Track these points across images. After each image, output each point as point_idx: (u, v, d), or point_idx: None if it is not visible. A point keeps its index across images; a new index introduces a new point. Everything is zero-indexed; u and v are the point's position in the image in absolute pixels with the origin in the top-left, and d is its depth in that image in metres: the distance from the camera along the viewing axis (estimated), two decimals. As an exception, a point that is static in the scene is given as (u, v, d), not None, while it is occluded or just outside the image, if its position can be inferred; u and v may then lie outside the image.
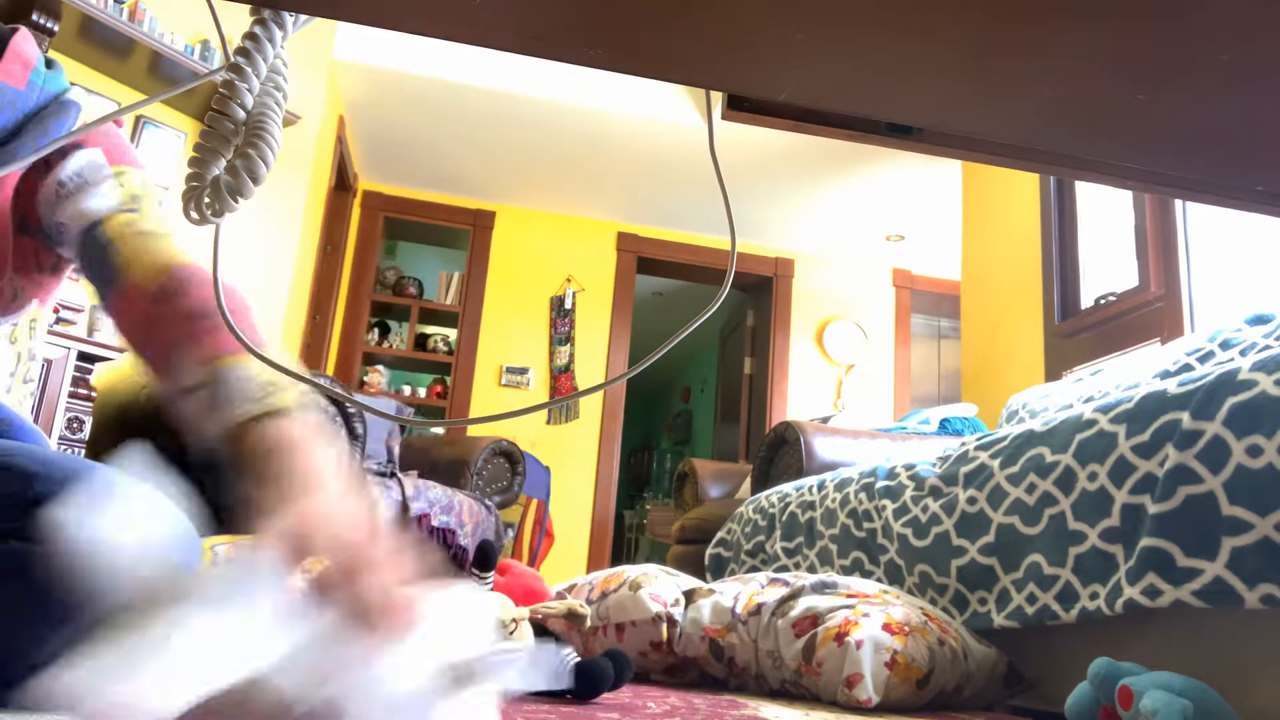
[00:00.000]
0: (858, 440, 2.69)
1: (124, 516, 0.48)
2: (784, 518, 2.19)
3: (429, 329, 5.80)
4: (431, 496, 2.64)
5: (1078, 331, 3.22)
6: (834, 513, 1.96)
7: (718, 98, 0.53)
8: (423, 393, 5.67)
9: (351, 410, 2.24)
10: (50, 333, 2.51)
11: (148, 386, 2.31)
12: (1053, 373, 3.31)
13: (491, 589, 1.43)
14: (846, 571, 1.87)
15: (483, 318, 5.49)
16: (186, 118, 3.51)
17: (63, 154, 0.86)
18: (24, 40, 0.86)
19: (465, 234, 5.66)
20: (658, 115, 4.45)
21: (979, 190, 4.11)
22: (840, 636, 1.31)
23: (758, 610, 1.45)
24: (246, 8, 0.59)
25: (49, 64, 0.89)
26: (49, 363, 2.49)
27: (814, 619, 1.37)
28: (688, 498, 3.57)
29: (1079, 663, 1.13)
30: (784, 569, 2.13)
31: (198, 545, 0.77)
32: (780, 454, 2.76)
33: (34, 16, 2.81)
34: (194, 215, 0.63)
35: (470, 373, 5.41)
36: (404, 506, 2.50)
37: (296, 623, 0.46)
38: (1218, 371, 1.15)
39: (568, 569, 5.07)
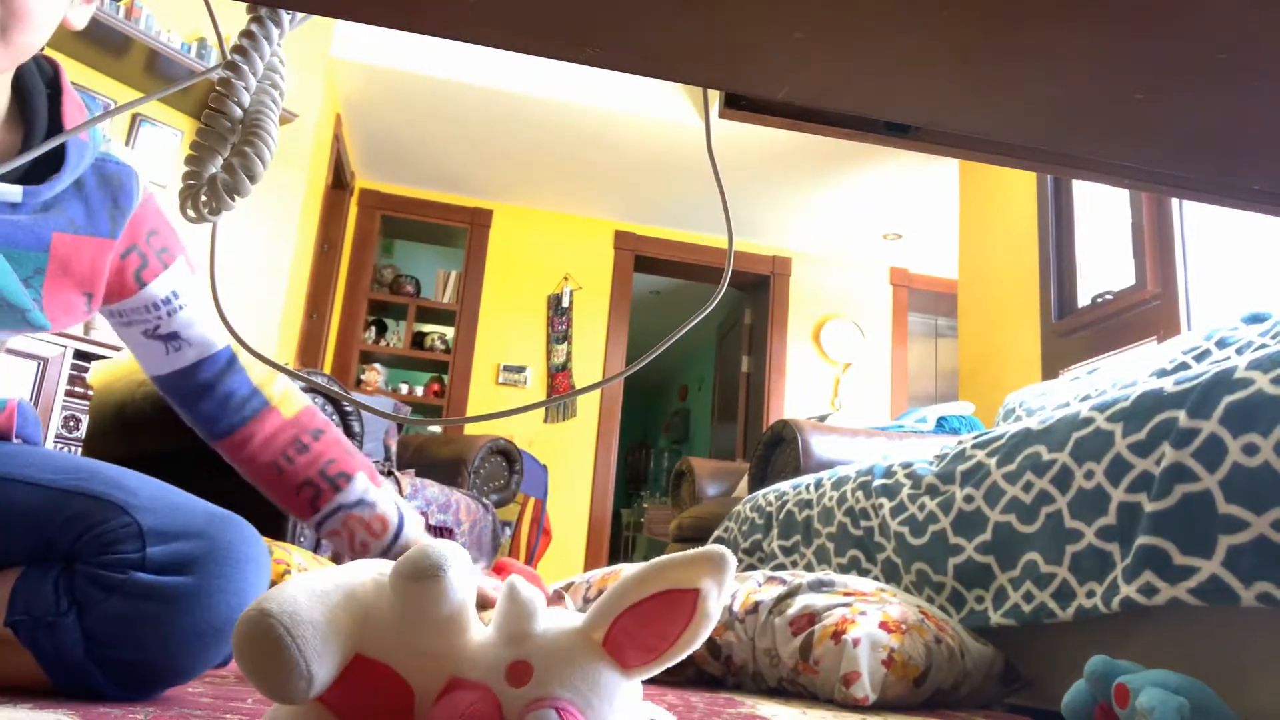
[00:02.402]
0: (855, 439, 2.70)
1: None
2: (781, 516, 2.19)
3: (426, 327, 5.79)
4: (429, 495, 2.64)
5: (1075, 330, 3.22)
6: (831, 511, 1.96)
7: (715, 96, 0.53)
8: (420, 391, 5.66)
9: (349, 409, 2.24)
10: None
11: (145, 384, 2.31)
12: (1050, 371, 3.31)
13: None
14: (843, 570, 1.87)
15: (480, 316, 5.48)
16: (183, 116, 3.50)
17: (150, 247, 0.92)
18: (67, 79, 0.87)
19: (463, 232, 5.66)
20: (655, 114, 4.45)
21: (976, 189, 4.11)
22: (837, 634, 1.31)
23: (755, 608, 1.46)
24: (243, 6, 0.59)
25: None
26: (45, 361, 2.49)
27: (811, 617, 1.38)
28: (685, 496, 3.57)
29: (1076, 661, 1.13)
30: (781, 567, 2.13)
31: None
32: (777, 452, 2.76)
33: (30, 14, 2.80)
34: (191, 214, 0.63)
35: (467, 371, 5.40)
36: (401, 505, 2.49)
37: None
38: (1214, 370, 1.16)
39: (565, 567, 5.07)
